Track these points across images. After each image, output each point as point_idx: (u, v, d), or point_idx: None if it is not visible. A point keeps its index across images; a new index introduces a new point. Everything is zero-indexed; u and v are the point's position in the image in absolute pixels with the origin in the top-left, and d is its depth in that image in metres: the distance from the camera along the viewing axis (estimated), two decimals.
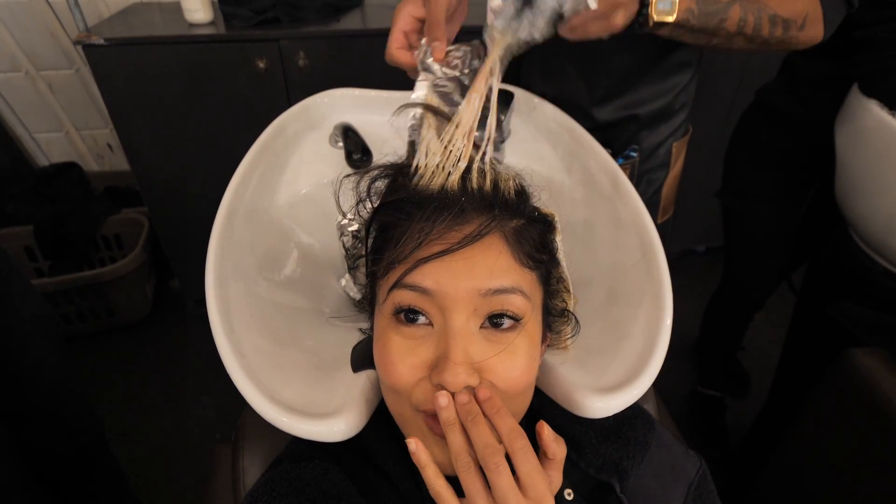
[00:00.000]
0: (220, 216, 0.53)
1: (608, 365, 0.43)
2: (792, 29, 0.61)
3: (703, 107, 1.61)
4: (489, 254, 0.37)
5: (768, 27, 0.60)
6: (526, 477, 0.32)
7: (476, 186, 0.39)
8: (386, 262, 0.38)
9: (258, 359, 0.44)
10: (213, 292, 0.46)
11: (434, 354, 0.36)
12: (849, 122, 0.90)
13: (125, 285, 1.58)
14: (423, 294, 0.36)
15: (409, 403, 0.37)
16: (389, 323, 0.38)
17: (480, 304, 0.36)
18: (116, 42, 1.22)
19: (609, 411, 0.40)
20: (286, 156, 0.68)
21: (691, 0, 0.56)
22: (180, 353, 1.61)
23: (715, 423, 1.40)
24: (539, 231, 0.41)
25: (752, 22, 0.59)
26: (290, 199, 0.66)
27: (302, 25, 1.32)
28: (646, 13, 0.55)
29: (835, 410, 0.82)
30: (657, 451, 0.46)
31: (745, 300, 1.26)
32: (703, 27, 0.58)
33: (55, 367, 0.82)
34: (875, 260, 0.90)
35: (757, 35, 0.60)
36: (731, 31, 0.59)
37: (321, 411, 0.39)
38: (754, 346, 1.49)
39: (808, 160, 1.01)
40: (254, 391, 0.39)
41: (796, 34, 0.62)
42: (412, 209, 0.38)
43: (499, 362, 0.36)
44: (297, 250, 0.63)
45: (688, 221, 1.86)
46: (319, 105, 0.73)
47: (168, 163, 1.41)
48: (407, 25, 0.52)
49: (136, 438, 1.35)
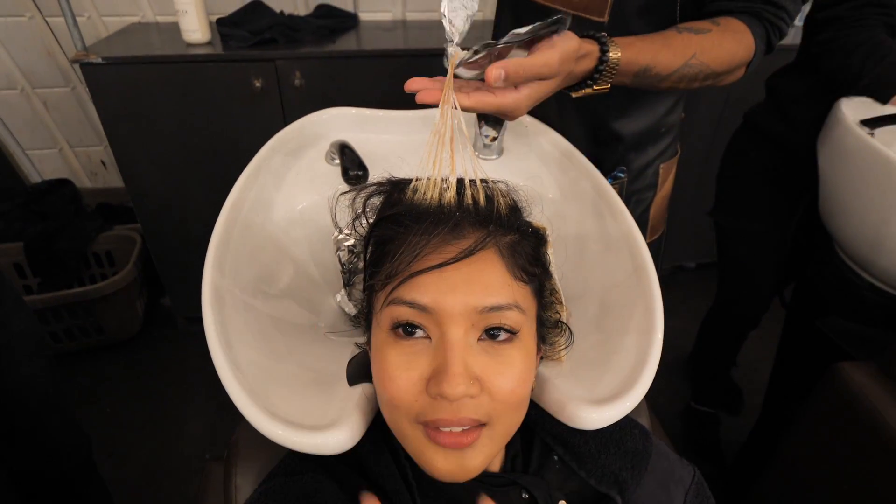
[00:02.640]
0: (218, 231, 0.54)
1: (601, 377, 0.44)
2: (720, 77, 0.66)
3: (692, 126, 1.65)
4: (485, 269, 0.37)
5: (700, 80, 0.64)
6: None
7: (471, 202, 0.40)
8: (383, 276, 0.39)
9: (254, 373, 0.44)
10: (209, 307, 0.46)
11: (432, 367, 0.36)
12: (830, 142, 0.93)
13: (116, 303, 1.56)
14: (421, 310, 0.37)
15: (407, 417, 0.37)
16: (387, 337, 0.38)
17: (477, 319, 0.37)
18: (114, 61, 1.23)
19: (602, 423, 0.40)
20: (283, 172, 0.69)
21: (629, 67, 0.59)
22: (171, 371, 1.59)
23: (709, 438, 1.40)
24: (532, 245, 0.42)
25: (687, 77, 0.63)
26: (286, 215, 0.67)
27: (298, 46, 1.34)
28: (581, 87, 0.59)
29: (825, 423, 0.83)
30: (658, 460, 0.46)
31: (740, 318, 1.27)
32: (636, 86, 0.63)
33: (44, 386, 0.80)
34: (860, 275, 0.92)
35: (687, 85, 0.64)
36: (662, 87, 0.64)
37: (318, 424, 0.39)
38: (745, 361, 1.50)
39: (796, 179, 1.04)
40: (250, 405, 0.39)
41: (722, 80, 0.66)
42: (409, 223, 0.38)
43: (496, 374, 0.37)
44: (293, 265, 0.64)
45: (679, 238, 1.88)
46: (316, 123, 0.74)
47: (162, 180, 1.41)
48: None
49: (125, 458, 1.33)
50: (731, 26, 0.64)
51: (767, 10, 0.65)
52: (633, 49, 0.58)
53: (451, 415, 0.36)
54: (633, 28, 0.68)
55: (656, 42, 0.61)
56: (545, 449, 0.46)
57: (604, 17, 0.69)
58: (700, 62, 0.62)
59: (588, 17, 0.70)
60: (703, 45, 0.62)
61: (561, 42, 0.50)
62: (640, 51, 0.59)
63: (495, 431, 0.38)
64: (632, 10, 0.68)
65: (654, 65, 0.61)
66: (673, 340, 1.71)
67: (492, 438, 0.38)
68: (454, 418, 0.36)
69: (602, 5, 0.69)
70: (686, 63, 0.62)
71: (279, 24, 1.37)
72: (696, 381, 1.48)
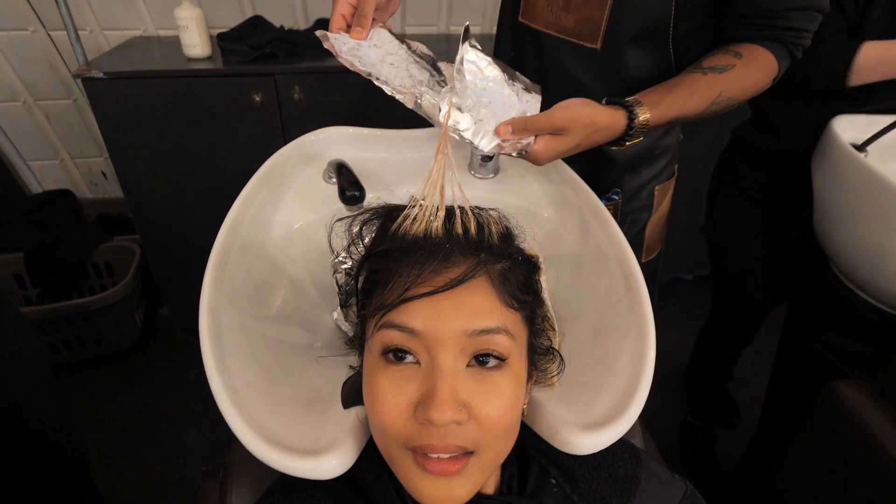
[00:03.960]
0: (215, 252, 0.55)
1: (593, 401, 0.44)
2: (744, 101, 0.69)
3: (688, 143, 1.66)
4: (475, 295, 0.38)
5: (724, 110, 0.68)
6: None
7: (461, 231, 0.40)
8: (374, 305, 0.39)
9: (249, 394, 0.44)
10: (206, 329, 0.47)
11: (420, 392, 0.37)
12: (824, 163, 0.93)
13: (114, 313, 1.56)
14: (411, 334, 0.37)
15: (396, 442, 0.38)
16: (378, 363, 0.39)
17: (467, 344, 0.37)
18: (115, 76, 1.24)
19: (595, 447, 0.40)
20: (281, 191, 0.70)
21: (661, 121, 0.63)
22: (168, 381, 1.59)
23: (705, 453, 1.39)
24: (524, 272, 0.42)
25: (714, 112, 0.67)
26: (283, 234, 0.68)
27: (298, 61, 1.36)
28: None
29: (820, 440, 0.83)
30: (647, 484, 0.46)
31: (734, 334, 1.27)
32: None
33: (43, 402, 0.81)
34: (855, 292, 0.93)
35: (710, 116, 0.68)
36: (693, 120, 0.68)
37: (312, 448, 0.39)
38: (741, 376, 1.51)
39: (788, 194, 1.04)
40: (244, 429, 0.39)
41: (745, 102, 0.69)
42: (399, 256, 0.39)
43: (485, 401, 0.37)
44: (291, 284, 0.65)
45: (676, 250, 1.89)
46: (314, 142, 0.75)
47: (162, 193, 1.42)
48: (345, 10, 0.59)
49: (122, 469, 1.33)
50: (754, 55, 0.66)
51: (787, 35, 0.66)
52: (661, 107, 0.62)
53: (438, 440, 0.36)
54: (625, 55, 0.70)
55: (682, 92, 0.64)
56: (542, 471, 0.46)
57: (596, 44, 0.71)
58: (726, 98, 0.65)
59: (581, 43, 0.72)
60: (728, 82, 0.65)
61: (576, 105, 0.58)
62: (668, 107, 0.63)
63: (483, 459, 0.38)
64: (625, 38, 0.69)
65: (681, 114, 0.64)
66: (670, 353, 1.72)
67: (480, 466, 0.38)
68: (441, 444, 0.36)
69: (595, 33, 0.70)
70: (713, 102, 0.65)
71: (279, 39, 1.39)
72: (693, 396, 1.48)
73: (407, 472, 0.38)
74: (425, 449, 0.36)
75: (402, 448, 0.38)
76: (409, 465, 0.37)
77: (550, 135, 0.56)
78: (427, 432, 0.36)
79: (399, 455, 0.38)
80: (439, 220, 0.40)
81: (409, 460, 0.37)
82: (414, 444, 0.37)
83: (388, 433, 0.38)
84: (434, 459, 0.36)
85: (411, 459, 0.37)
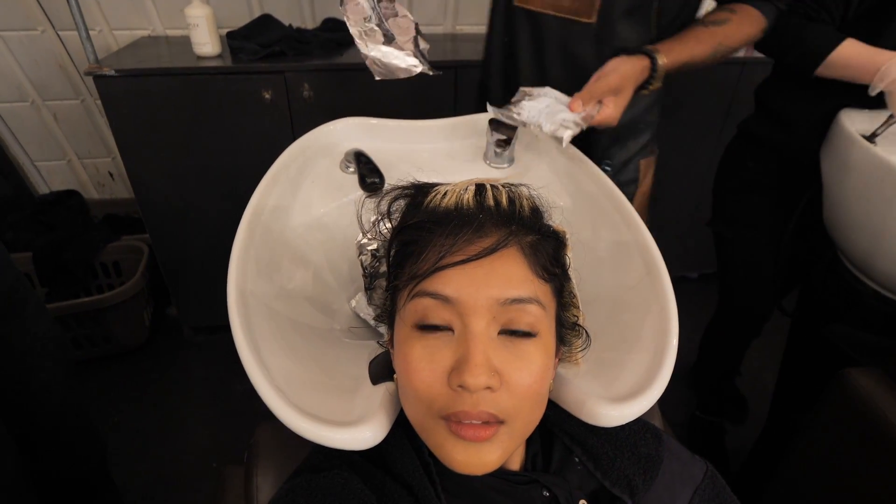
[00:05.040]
0: (240, 235, 0.55)
1: (619, 375, 0.45)
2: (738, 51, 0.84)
3: (694, 138, 1.67)
4: (508, 265, 0.39)
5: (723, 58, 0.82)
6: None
7: (493, 203, 0.41)
8: (407, 275, 0.40)
9: (280, 372, 0.45)
10: (236, 310, 0.47)
11: (454, 359, 0.37)
12: (833, 154, 0.94)
13: (123, 312, 1.57)
14: (444, 302, 0.38)
15: (430, 410, 0.38)
16: (411, 331, 0.39)
17: (499, 312, 0.38)
18: (127, 73, 1.25)
19: (622, 419, 0.41)
20: (300, 180, 0.71)
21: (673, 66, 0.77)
22: (177, 380, 1.59)
23: (714, 447, 1.40)
24: (553, 246, 0.43)
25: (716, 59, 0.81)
26: (303, 222, 0.68)
27: (307, 59, 1.37)
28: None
29: (833, 430, 0.83)
30: (668, 463, 0.47)
31: (742, 327, 1.27)
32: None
33: (65, 390, 0.81)
34: (864, 282, 0.93)
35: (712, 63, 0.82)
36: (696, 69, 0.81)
37: (345, 420, 0.40)
38: (749, 370, 1.51)
39: (794, 185, 1.05)
40: (280, 402, 0.40)
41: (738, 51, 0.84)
42: (432, 227, 0.40)
43: (515, 368, 0.38)
44: (311, 271, 0.65)
45: (681, 248, 1.90)
46: (331, 132, 0.76)
47: (171, 191, 1.43)
48: None
49: (133, 467, 1.32)
50: (745, 11, 0.80)
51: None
52: (674, 53, 0.76)
53: (471, 407, 0.37)
54: (618, 28, 0.79)
55: (690, 40, 0.78)
56: (565, 450, 0.47)
57: (592, 18, 0.79)
58: (725, 46, 0.79)
59: (577, 18, 0.79)
60: (726, 33, 0.79)
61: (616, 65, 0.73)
62: (680, 52, 0.77)
63: (513, 428, 0.39)
64: (618, 12, 0.78)
65: (691, 59, 0.78)
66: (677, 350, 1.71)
67: (510, 435, 0.39)
68: (474, 411, 0.37)
69: (590, 8, 0.78)
70: (714, 50, 0.79)
71: (288, 37, 1.40)
72: (701, 391, 1.48)
73: (440, 440, 0.38)
74: (458, 416, 0.37)
75: (435, 417, 0.38)
76: (442, 432, 0.38)
77: (612, 96, 0.71)
78: (460, 399, 0.37)
79: (432, 424, 0.38)
80: (470, 192, 0.41)
81: (443, 428, 0.38)
82: (448, 412, 0.37)
83: (422, 401, 0.38)
84: (466, 425, 0.37)
85: (444, 427, 0.38)
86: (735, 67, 1.56)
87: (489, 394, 0.37)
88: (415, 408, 0.40)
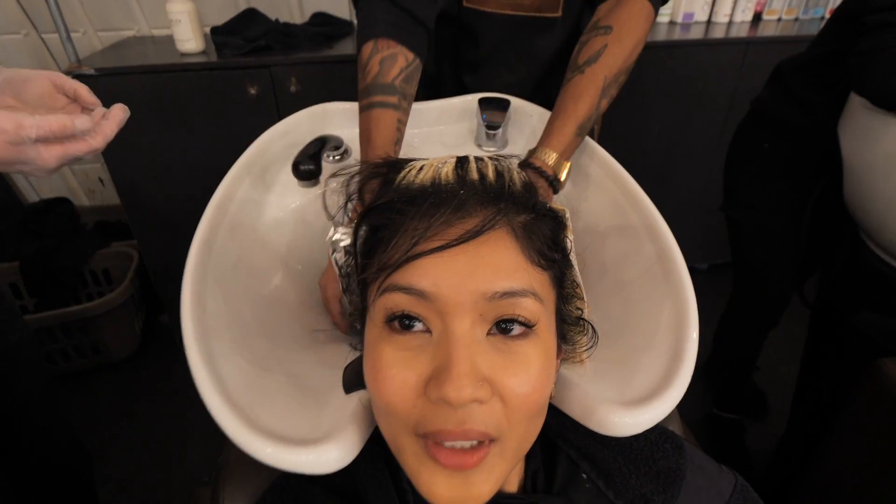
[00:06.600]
0: (201, 229, 0.50)
1: (631, 375, 0.39)
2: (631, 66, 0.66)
3: (698, 125, 1.61)
4: (496, 251, 0.32)
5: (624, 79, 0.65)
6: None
7: (477, 177, 0.35)
8: (377, 266, 0.33)
9: (238, 382, 0.39)
10: (188, 311, 0.42)
11: (433, 366, 0.31)
12: (853, 126, 0.88)
13: (112, 320, 1.52)
14: (420, 298, 0.31)
15: (404, 427, 0.32)
16: (381, 333, 0.33)
17: (487, 308, 0.31)
18: (107, 72, 1.20)
19: (638, 428, 0.35)
20: (274, 171, 0.65)
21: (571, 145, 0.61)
22: (170, 390, 1.54)
23: (735, 446, 1.33)
24: (550, 227, 0.37)
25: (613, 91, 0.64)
26: (276, 215, 0.63)
27: (294, 53, 1.31)
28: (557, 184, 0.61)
29: (868, 425, 0.77)
30: (692, 478, 0.40)
31: (760, 316, 1.21)
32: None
33: (46, 400, 0.75)
34: (891, 265, 0.87)
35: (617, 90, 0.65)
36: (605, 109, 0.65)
37: (308, 437, 0.34)
38: (767, 364, 1.44)
39: (812, 166, 0.99)
40: (228, 416, 0.34)
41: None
42: (405, 207, 0.33)
43: (509, 375, 0.31)
44: (283, 268, 0.59)
45: (689, 239, 1.83)
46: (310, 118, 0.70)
47: (159, 193, 1.38)
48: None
49: (123, 481, 1.27)
50: (622, 19, 0.64)
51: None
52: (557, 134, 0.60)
53: (455, 425, 0.30)
54: (583, 18, 0.75)
55: (568, 103, 0.62)
56: (571, 465, 0.40)
57: (557, 12, 0.74)
58: (613, 75, 0.63)
59: (543, 14, 0.74)
60: (607, 65, 0.62)
61: None
62: (562, 127, 0.61)
63: (506, 448, 0.32)
64: (579, 3, 0.74)
65: (580, 123, 0.61)
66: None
67: (502, 457, 0.32)
68: (459, 430, 0.30)
69: (555, 3, 0.73)
70: (602, 91, 0.62)
71: (274, 31, 1.34)
72: (717, 387, 1.41)
73: (416, 466, 0.31)
74: (439, 436, 0.30)
75: (410, 434, 0.31)
76: (419, 455, 0.31)
77: None
78: (442, 415, 0.30)
79: (407, 443, 0.32)
80: (449, 165, 0.34)
81: (419, 449, 0.31)
82: (425, 430, 0.30)
83: (393, 415, 0.31)
84: (448, 450, 0.30)
85: (421, 448, 0.31)
86: (740, 47, 1.49)
87: (478, 407, 0.30)
88: (386, 422, 0.33)
